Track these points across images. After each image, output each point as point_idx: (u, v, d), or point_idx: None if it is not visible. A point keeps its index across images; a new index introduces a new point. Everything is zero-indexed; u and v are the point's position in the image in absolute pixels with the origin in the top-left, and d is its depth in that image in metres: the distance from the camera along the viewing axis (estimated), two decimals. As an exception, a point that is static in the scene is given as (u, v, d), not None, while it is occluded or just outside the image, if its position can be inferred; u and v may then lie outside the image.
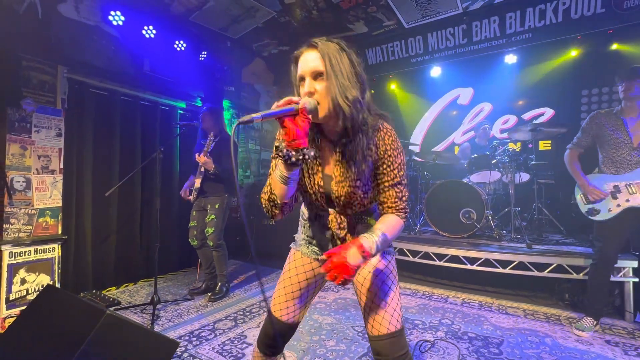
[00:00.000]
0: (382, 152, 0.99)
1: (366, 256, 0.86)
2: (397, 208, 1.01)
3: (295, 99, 0.86)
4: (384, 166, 1.00)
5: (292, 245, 1.24)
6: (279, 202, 0.96)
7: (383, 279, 1.06)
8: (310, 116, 0.86)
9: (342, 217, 1.05)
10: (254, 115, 0.78)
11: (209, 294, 2.97)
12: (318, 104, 0.90)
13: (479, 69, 4.49)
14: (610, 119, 2.29)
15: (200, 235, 3.03)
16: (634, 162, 2.19)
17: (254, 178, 5.14)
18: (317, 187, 1.03)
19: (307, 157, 0.84)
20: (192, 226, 3.03)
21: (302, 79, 0.94)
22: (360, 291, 1.09)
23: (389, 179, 1.00)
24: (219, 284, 3.01)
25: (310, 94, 0.91)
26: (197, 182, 2.95)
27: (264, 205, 1.01)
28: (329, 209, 1.06)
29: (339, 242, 1.06)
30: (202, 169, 2.89)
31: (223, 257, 3.00)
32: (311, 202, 1.09)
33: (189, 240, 3.07)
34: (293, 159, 0.83)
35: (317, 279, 1.18)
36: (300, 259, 1.18)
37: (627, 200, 2.18)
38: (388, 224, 0.97)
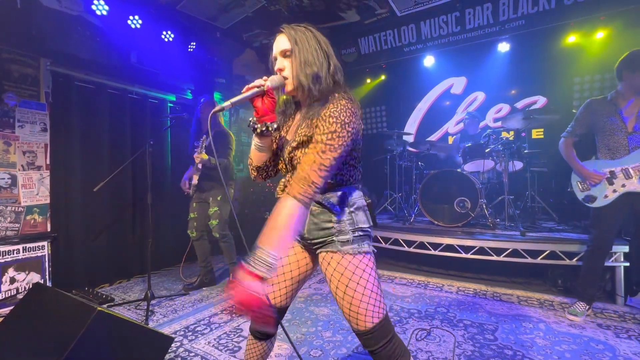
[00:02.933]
0: (319, 119, 0.95)
1: (254, 276, 0.82)
2: (299, 177, 0.90)
3: (261, 81, 0.99)
4: (316, 130, 0.95)
5: None
6: (254, 164, 1.16)
7: (354, 283, 1.00)
8: (275, 95, 1.01)
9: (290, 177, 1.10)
10: (224, 104, 0.91)
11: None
12: (285, 79, 1.02)
13: (473, 57, 4.46)
14: (604, 106, 2.29)
15: (200, 227, 3.03)
16: (630, 147, 2.18)
17: (247, 172, 5.09)
18: (282, 154, 1.13)
19: (270, 128, 1.03)
20: (191, 218, 3.03)
21: (275, 59, 1.06)
22: (332, 289, 1.05)
23: (316, 140, 0.93)
24: (230, 275, 3.11)
25: (280, 70, 1.03)
26: (195, 179, 2.92)
27: (250, 172, 1.20)
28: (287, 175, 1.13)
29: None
30: (199, 166, 2.87)
31: (230, 247, 3.03)
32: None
33: (188, 231, 3.05)
34: (258, 130, 1.03)
35: (300, 265, 1.17)
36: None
37: (623, 185, 2.18)
38: (269, 226, 0.89)
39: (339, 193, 1.04)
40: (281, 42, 1.04)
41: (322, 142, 0.91)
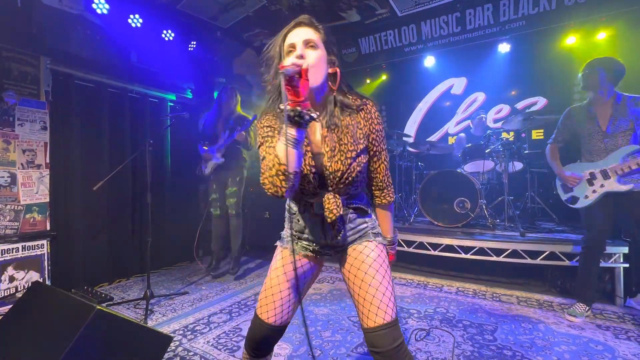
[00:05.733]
0: (370, 126, 1.03)
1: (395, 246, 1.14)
2: (387, 183, 1.12)
3: (298, 61, 0.87)
4: (374, 138, 1.04)
5: (277, 243, 1.19)
6: (290, 170, 0.87)
7: (376, 267, 1.03)
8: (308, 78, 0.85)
9: (337, 197, 1.02)
10: (283, 69, 0.80)
11: (230, 273, 3.35)
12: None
13: (473, 58, 4.46)
14: (581, 112, 2.41)
15: (222, 206, 3.33)
16: (607, 149, 2.28)
17: (247, 172, 5.08)
18: (308, 169, 1.00)
19: (313, 115, 0.83)
20: (214, 198, 3.34)
21: (292, 47, 0.97)
22: (353, 282, 1.05)
23: (379, 150, 1.06)
24: (233, 258, 3.38)
25: (301, 56, 0.93)
26: (219, 156, 3.18)
27: (268, 184, 0.92)
28: (324, 192, 1.03)
29: (332, 229, 1.04)
30: (219, 155, 3.17)
31: (240, 227, 3.34)
32: (302, 189, 1.04)
33: (212, 210, 3.36)
34: (307, 117, 0.82)
35: (306, 276, 1.14)
36: (289, 256, 1.12)
37: (602, 186, 2.27)
38: (389, 219, 1.18)
39: (365, 197, 1.14)
40: (305, 32, 0.99)
41: (384, 150, 1.08)
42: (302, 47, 0.96)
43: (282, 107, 0.84)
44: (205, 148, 3.27)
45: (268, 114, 1.05)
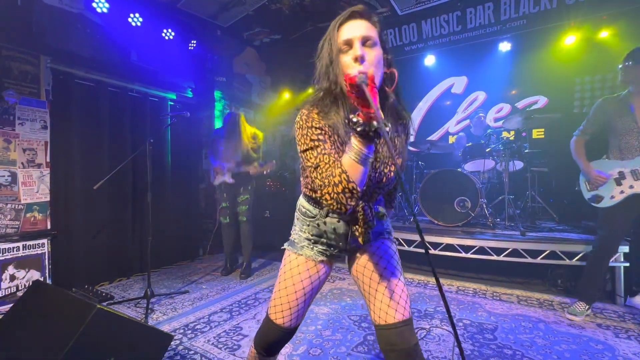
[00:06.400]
0: (406, 137, 1.04)
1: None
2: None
3: (356, 69, 0.81)
4: (403, 147, 1.04)
5: (287, 246, 1.13)
6: (358, 188, 0.82)
7: (394, 264, 1.03)
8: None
9: (371, 206, 1.00)
10: (379, 123, 0.72)
11: (239, 272, 3.38)
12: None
13: (473, 57, 4.45)
14: (616, 105, 2.21)
15: (232, 214, 3.38)
16: None
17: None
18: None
19: (388, 127, 0.75)
20: (224, 207, 3.37)
21: (348, 44, 0.87)
22: (370, 277, 1.02)
23: (402, 159, 1.04)
24: (245, 263, 3.40)
25: (362, 57, 0.84)
26: (228, 177, 3.27)
27: (331, 200, 0.84)
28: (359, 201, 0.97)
29: (357, 235, 1.00)
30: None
31: (251, 232, 3.43)
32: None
33: (221, 218, 3.41)
34: (387, 129, 0.73)
35: (321, 281, 1.11)
36: (305, 263, 1.07)
37: (631, 187, 2.13)
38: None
39: (382, 199, 1.13)
40: (362, 26, 0.88)
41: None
42: (360, 46, 0.86)
43: (353, 118, 0.76)
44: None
45: (313, 110, 0.93)
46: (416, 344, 0.96)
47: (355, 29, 0.87)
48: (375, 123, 0.73)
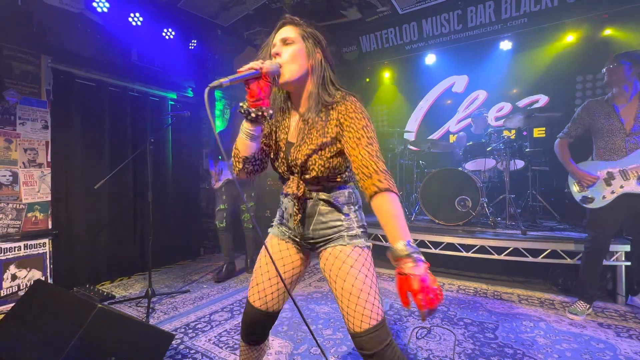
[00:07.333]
0: (345, 115, 0.99)
1: (426, 266, 0.82)
2: (379, 169, 0.92)
3: (258, 63, 0.94)
4: (347, 129, 0.98)
5: (269, 229, 1.24)
6: (241, 154, 1.04)
7: (354, 274, 1.00)
8: (271, 79, 0.95)
9: (301, 182, 1.05)
10: (222, 80, 0.89)
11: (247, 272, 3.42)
12: (280, 67, 0.99)
13: (474, 56, 4.44)
14: (602, 107, 2.28)
15: (229, 218, 3.28)
16: (628, 148, 2.17)
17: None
18: (280, 154, 1.09)
19: (265, 114, 0.94)
20: (221, 209, 3.25)
21: (273, 46, 1.05)
22: (334, 287, 1.03)
23: (355, 137, 0.96)
24: (250, 263, 3.41)
25: (277, 54, 1.01)
26: (223, 181, 3.23)
27: (233, 163, 1.09)
28: (291, 176, 1.08)
29: (295, 213, 1.07)
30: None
31: (256, 238, 3.41)
32: (279, 173, 1.13)
33: (217, 222, 3.27)
34: (252, 115, 0.94)
35: (286, 263, 1.14)
36: (277, 244, 1.16)
37: (621, 187, 2.16)
38: (398, 224, 0.88)
39: (347, 192, 1.08)
40: (284, 31, 1.05)
41: (364, 137, 0.97)
42: (279, 45, 1.02)
43: (242, 104, 0.97)
44: (220, 158, 3.35)
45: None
46: (385, 346, 0.96)
47: (280, 34, 1.05)
48: (253, 109, 0.94)
